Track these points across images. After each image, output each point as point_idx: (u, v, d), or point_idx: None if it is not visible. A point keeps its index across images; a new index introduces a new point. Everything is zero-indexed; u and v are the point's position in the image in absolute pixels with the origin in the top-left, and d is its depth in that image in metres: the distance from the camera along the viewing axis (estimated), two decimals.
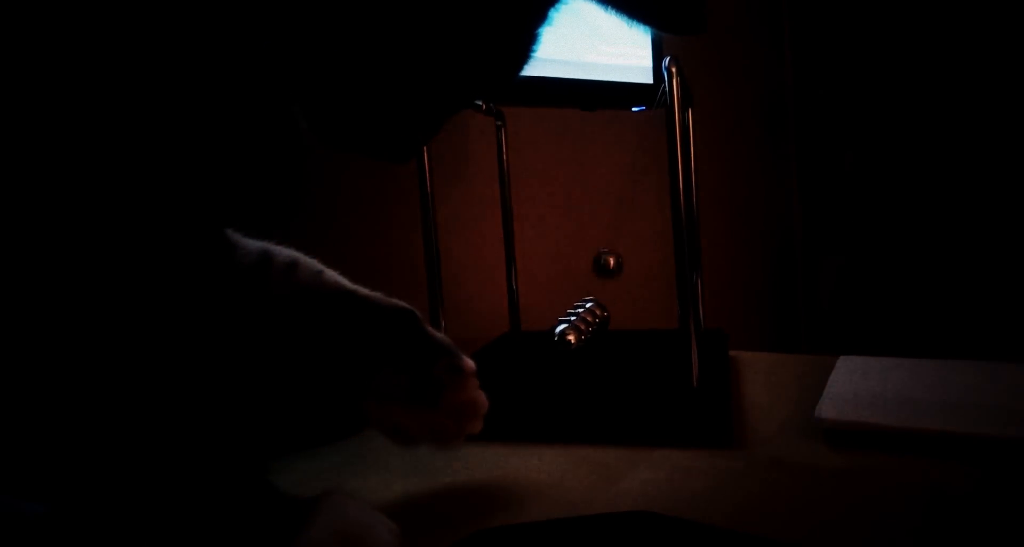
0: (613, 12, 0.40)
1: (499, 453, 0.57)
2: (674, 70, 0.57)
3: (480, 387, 0.48)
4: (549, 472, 0.53)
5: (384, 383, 0.47)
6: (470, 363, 0.49)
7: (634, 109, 0.91)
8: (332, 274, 0.50)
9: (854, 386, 0.63)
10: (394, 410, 0.47)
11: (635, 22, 0.40)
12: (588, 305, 0.79)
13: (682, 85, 0.58)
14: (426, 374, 0.47)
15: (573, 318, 0.75)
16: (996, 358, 0.69)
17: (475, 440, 0.59)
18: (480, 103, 0.77)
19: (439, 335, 0.49)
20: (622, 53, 0.86)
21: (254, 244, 0.48)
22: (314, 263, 0.50)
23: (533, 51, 0.39)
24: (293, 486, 0.40)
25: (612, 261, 0.71)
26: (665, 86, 0.58)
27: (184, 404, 0.36)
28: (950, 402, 0.58)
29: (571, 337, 0.72)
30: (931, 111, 1.82)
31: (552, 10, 0.39)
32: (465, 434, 0.48)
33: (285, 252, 0.49)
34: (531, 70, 0.40)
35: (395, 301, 0.50)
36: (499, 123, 0.85)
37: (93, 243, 0.32)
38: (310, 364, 0.48)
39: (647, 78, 0.88)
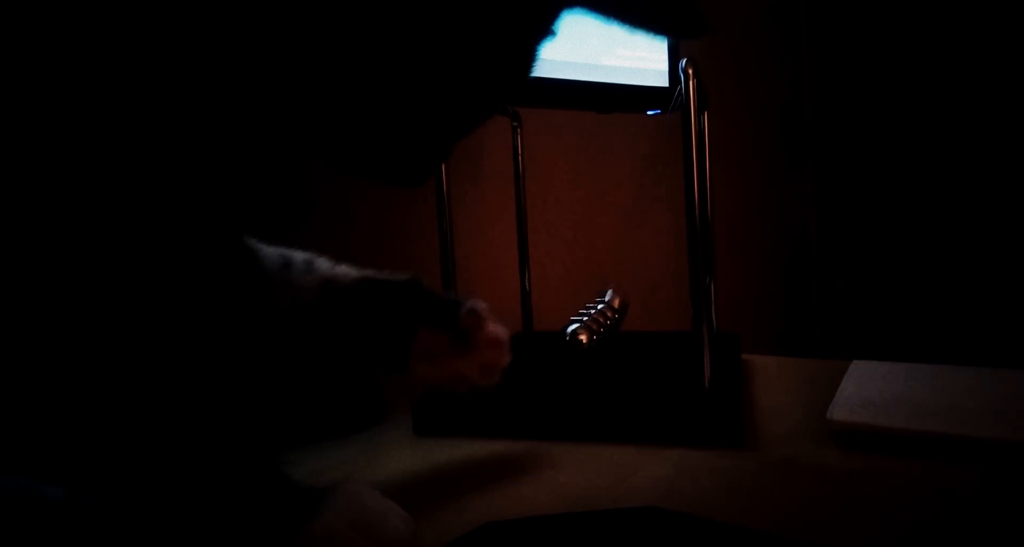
0: (614, 23, 0.40)
1: (511, 449, 0.57)
2: (691, 71, 0.57)
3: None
4: (559, 468, 0.54)
5: (422, 344, 0.52)
6: (482, 303, 0.53)
7: (649, 113, 0.91)
8: (344, 265, 0.54)
9: (867, 390, 0.63)
10: (443, 363, 0.52)
11: (636, 29, 0.41)
12: (600, 306, 0.79)
13: (698, 87, 0.59)
14: (454, 324, 0.52)
15: (585, 318, 0.76)
16: (1010, 364, 0.69)
17: (488, 437, 0.60)
18: None
19: (447, 292, 0.57)
20: (638, 57, 0.86)
21: (272, 249, 0.52)
22: (327, 259, 0.54)
23: (533, 67, 0.40)
24: (308, 477, 0.41)
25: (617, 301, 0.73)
26: (681, 88, 0.59)
27: (201, 398, 0.36)
28: (960, 406, 0.58)
29: (583, 337, 0.72)
30: (951, 115, 1.81)
31: (553, 26, 0.40)
32: (501, 365, 0.52)
33: (300, 253, 0.53)
34: (548, 72, 0.41)
35: (400, 274, 0.54)
36: (515, 124, 0.86)
37: (121, 251, 0.34)
38: (345, 350, 0.53)
39: (663, 81, 0.88)
